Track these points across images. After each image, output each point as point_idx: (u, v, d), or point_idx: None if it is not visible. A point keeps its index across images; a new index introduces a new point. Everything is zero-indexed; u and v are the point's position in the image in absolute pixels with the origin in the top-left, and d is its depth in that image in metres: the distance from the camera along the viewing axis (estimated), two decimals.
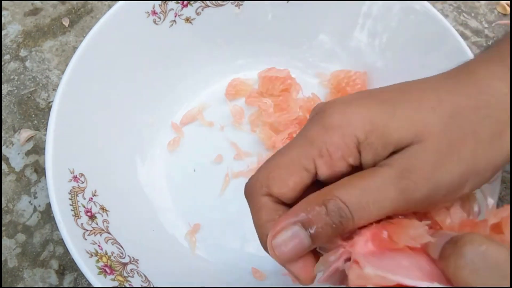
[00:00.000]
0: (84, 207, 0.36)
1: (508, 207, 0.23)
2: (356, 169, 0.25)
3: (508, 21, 0.52)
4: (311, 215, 0.23)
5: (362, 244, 0.23)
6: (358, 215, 0.23)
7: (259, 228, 0.25)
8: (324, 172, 0.25)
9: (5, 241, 0.43)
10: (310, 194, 0.24)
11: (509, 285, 0.19)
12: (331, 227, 0.23)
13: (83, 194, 0.36)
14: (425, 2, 0.41)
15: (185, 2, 0.43)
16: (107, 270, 0.34)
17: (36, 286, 0.41)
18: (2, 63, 0.50)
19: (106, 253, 0.35)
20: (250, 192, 0.26)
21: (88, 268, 0.32)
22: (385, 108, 0.24)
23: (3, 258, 0.42)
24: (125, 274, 0.34)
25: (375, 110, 0.24)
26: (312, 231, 0.23)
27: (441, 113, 0.24)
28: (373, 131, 0.24)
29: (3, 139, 0.47)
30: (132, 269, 0.35)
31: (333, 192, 0.23)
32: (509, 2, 0.53)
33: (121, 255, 0.36)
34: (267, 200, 0.25)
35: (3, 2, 0.53)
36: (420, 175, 0.23)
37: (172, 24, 0.44)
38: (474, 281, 0.19)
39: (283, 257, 0.24)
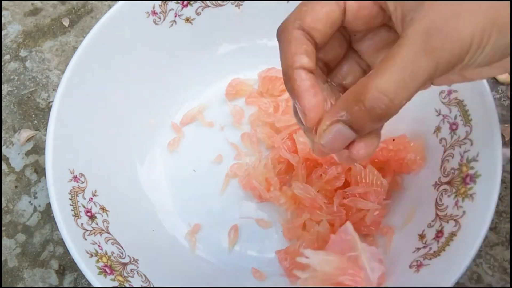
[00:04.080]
0: (84, 207, 0.36)
1: None
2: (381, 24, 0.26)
3: None
4: (352, 115, 0.24)
5: None
6: (399, 98, 0.23)
7: (285, 60, 0.26)
8: (352, 6, 0.26)
9: (5, 241, 0.43)
10: (346, 92, 0.24)
11: None
12: (373, 121, 0.23)
13: (83, 194, 0.36)
14: None
15: (185, 2, 0.43)
16: (107, 270, 0.34)
17: (36, 286, 0.41)
18: (2, 63, 0.50)
19: (106, 253, 0.35)
20: (283, 27, 0.27)
21: (88, 268, 0.32)
22: None
23: (3, 258, 0.42)
24: (125, 274, 0.34)
25: None
26: (355, 127, 0.24)
27: None
28: None
29: (3, 139, 0.47)
30: (132, 269, 0.35)
31: (369, 85, 0.23)
32: (509, 2, 0.53)
33: (121, 255, 0.36)
34: (298, 33, 0.26)
35: (3, 2, 0.53)
36: (445, 30, 0.22)
37: (172, 24, 0.43)
38: None
39: (329, 149, 0.25)
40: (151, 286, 0.35)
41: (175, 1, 0.43)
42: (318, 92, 0.26)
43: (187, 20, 0.44)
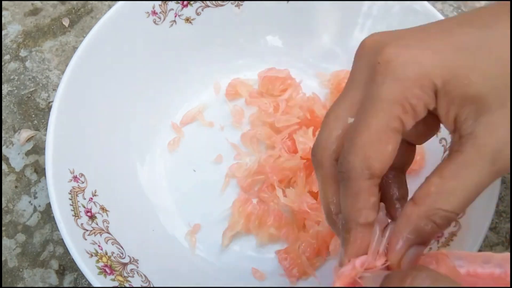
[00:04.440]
0: (84, 207, 0.36)
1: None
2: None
3: None
4: (421, 236, 0.24)
5: None
6: (461, 210, 0.24)
7: (350, 213, 0.25)
8: (409, 125, 0.24)
9: (5, 241, 0.43)
10: (408, 216, 0.24)
11: None
12: (438, 233, 0.25)
13: (83, 194, 0.36)
14: (425, 2, 0.41)
15: (185, 2, 0.43)
16: (107, 270, 0.34)
17: (36, 286, 0.41)
18: (2, 63, 0.50)
19: (106, 253, 0.35)
20: (349, 177, 0.24)
21: (88, 268, 0.32)
22: (464, 56, 0.23)
23: (3, 258, 0.42)
24: (125, 274, 0.34)
25: (453, 58, 0.23)
26: (423, 242, 0.25)
27: None
28: (451, 81, 0.23)
29: (3, 139, 0.47)
30: (132, 269, 0.35)
31: (435, 206, 0.23)
32: (508, 2, 0.53)
33: (121, 255, 0.36)
34: (368, 184, 0.24)
35: (3, 2, 0.53)
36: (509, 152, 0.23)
37: (172, 24, 0.44)
38: None
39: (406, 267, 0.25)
40: (151, 286, 0.35)
41: (175, 1, 0.43)
42: (367, 247, 0.25)
43: (187, 20, 0.44)
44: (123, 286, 0.33)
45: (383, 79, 0.24)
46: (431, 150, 0.40)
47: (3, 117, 0.48)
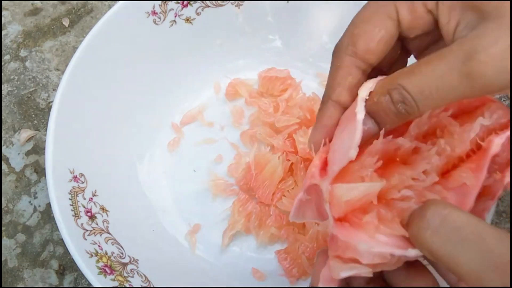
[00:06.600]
0: (84, 207, 0.36)
1: None
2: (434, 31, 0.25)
3: None
4: (376, 104, 0.23)
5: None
6: (422, 104, 0.22)
7: (328, 87, 0.26)
8: (406, 17, 0.24)
9: (5, 241, 0.43)
10: (376, 84, 0.24)
11: (465, 249, 0.19)
12: (396, 115, 0.23)
13: (83, 194, 0.36)
14: None
15: (185, 2, 0.43)
16: (107, 270, 0.34)
17: (36, 286, 0.41)
18: (2, 63, 0.50)
19: (106, 253, 0.35)
20: (335, 51, 0.26)
21: (88, 268, 0.32)
22: None
23: (3, 258, 0.42)
24: (125, 274, 0.34)
25: None
26: (378, 119, 0.24)
27: None
28: None
29: (3, 139, 0.47)
30: (132, 269, 0.35)
31: (397, 81, 0.23)
32: (508, 2, 0.53)
33: (121, 255, 0.36)
34: (349, 60, 0.25)
35: (3, 2, 0.53)
36: (488, 56, 0.21)
37: (172, 24, 0.44)
38: (434, 242, 0.19)
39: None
40: (151, 286, 0.35)
41: (175, 1, 0.43)
42: (330, 133, 0.26)
43: (187, 20, 0.44)
44: (123, 286, 0.33)
45: None
46: None
47: (3, 117, 0.48)
